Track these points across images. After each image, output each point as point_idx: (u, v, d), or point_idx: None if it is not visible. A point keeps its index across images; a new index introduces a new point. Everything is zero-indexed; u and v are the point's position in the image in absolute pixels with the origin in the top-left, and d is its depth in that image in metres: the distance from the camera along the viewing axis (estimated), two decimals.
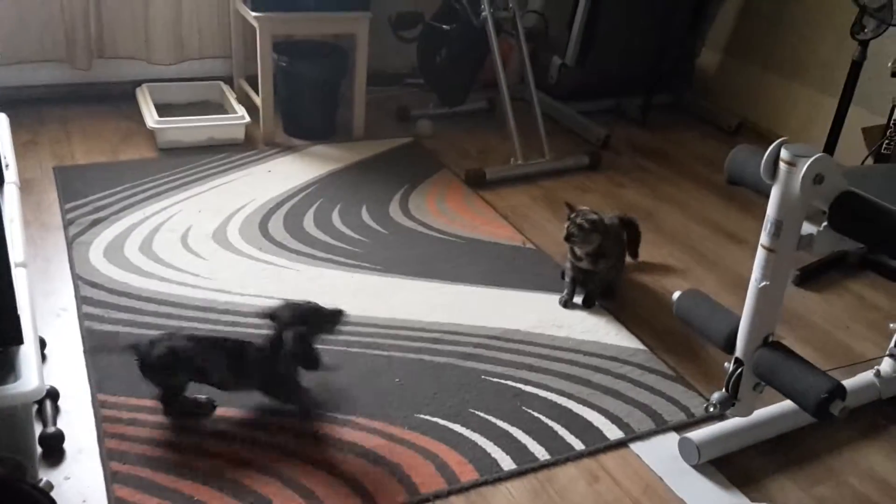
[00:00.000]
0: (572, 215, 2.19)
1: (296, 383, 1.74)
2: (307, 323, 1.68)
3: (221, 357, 1.68)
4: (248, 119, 3.06)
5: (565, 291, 2.26)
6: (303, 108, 3.16)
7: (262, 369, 1.70)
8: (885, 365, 1.98)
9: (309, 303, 1.74)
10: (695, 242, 2.69)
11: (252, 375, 1.70)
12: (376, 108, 3.43)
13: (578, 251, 2.19)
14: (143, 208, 2.54)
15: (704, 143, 3.53)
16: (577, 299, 2.27)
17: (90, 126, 3.08)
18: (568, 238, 2.16)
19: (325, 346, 1.99)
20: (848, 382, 1.87)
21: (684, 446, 1.75)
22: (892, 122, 2.57)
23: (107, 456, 1.61)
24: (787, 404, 1.81)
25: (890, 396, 1.98)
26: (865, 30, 2.54)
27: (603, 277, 2.25)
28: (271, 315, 1.72)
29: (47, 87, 3.21)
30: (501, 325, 2.14)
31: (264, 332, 1.74)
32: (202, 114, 3.09)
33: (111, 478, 1.56)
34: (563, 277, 2.31)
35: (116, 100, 3.26)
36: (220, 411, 1.75)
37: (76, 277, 2.16)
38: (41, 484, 1.48)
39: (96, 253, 2.28)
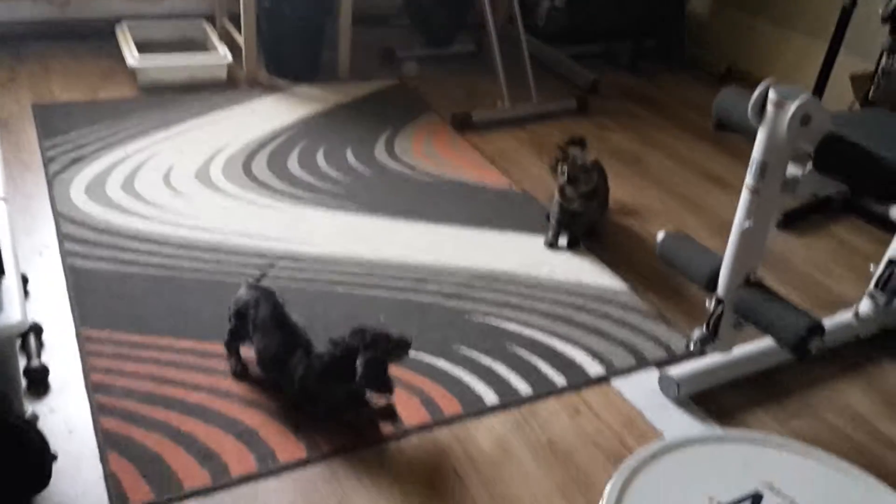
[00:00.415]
0: (569, 157, 2.19)
1: (323, 404, 1.61)
2: (378, 348, 1.54)
3: (276, 338, 1.62)
4: (230, 58, 3.00)
5: (551, 233, 2.27)
6: (286, 47, 3.11)
7: (300, 375, 1.59)
8: (864, 305, 2.00)
9: (378, 329, 1.58)
10: (681, 187, 2.70)
11: (294, 379, 1.59)
12: (362, 48, 3.38)
13: (571, 193, 2.19)
14: (124, 147, 2.50)
15: (693, 88, 3.52)
16: (563, 241, 2.28)
17: (69, 64, 3.02)
18: (572, 181, 2.16)
19: (308, 284, 1.99)
20: (827, 322, 1.89)
21: (664, 382, 1.78)
22: (880, 68, 2.56)
23: (92, 389, 1.61)
24: (766, 342, 1.84)
25: (868, 335, 2.01)
26: None
27: (589, 218, 2.26)
28: (340, 342, 1.56)
29: (26, 23, 3.14)
30: (486, 265, 2.15)
31: (249, 273, 1.73)
32: (183, 52, 3.03)
33: (97, 410, 1.57)
34: (548, 219, 2.32)
35: (96, 37, 3.18)
36: (207, 346, 1.75)
37: (57, 215, 2.14)
38: (27, 416, 1.49)
39: (77, 191, 2.25)
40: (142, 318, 1.81)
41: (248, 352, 1.70)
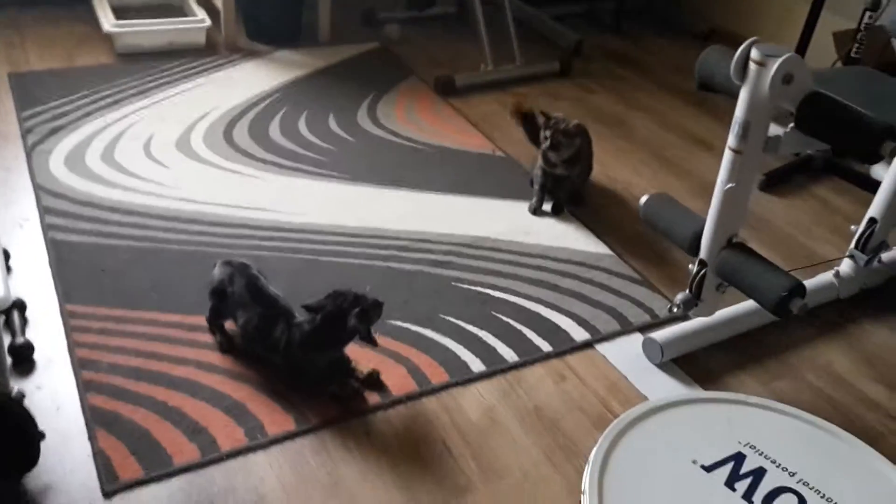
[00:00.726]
0: (552, 123, 2.17)
1: (308, 373, 1.63)
2: (361, 305, 1.57)
3: (260, 318, 1.61)
4: (208, 22, 2.95)
5: (535, 199, 2.27)
6: (266, 11, 3.05)
7: (290, 356, 1.60)
8: (845, 266, 2.03)
9: (353, 289, 1.60)
10: (664, 149, 2.70)
11: (279, 350, 1.60)
12: (342, 10, 3.33)
13: (555, 158, 2.18)
14: (103, 116, 2.47)
15: (676, 49, 3.49)
16: (547, 206, 2.28)
17: (44, 30, 2.95)
18: (554, 146, 2.15)
19: (292, 254, 1.98)
20: (808, 282, 1.91)
21: (648, 346, 1.80)
22: (862, 26, 2.56)
23: (78, 365, 1.61)
24: (748, 304, 1.86)
25: (848, 296, 2.04)
26: None
27: (573, 183, 2.26)
28: (315, 307, 1.58)
29: None
30: (471, 232, 2.15)
31: (231, 244, 1.72)
32: (161, 17, 2.97)
33: (84, 386, 1.57)
34: (531, 185, 2.31)
35: (71, 3, 3.11)
36: (192, 320, 1.75)
37: (37, 187, 2.11)
38: (13, 394, 1.49)
39: (57, 162, 2.22)
40: (126, 292, 1.81)
41: (232, 326, 1.70)
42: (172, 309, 1.77)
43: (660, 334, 1.79)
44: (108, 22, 2.81)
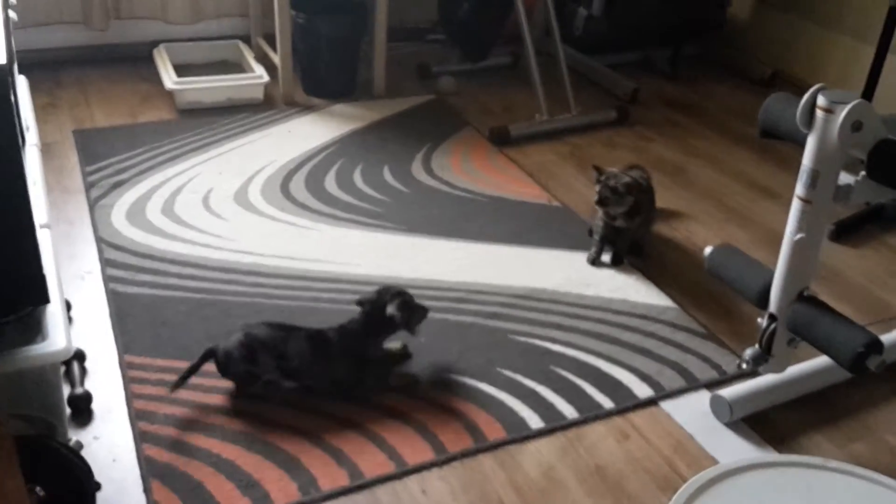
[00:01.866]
0: (602, 178, 2.14)
1: (377, 366, 1.76)
2: (403, 297, 1.73)
3: (302, 341, 1.67)
4: (266, 78, 3.02)
5: (593, 249, 2.22)
6: (322, 66, 3.11)
7: (348, 354, 1.69)
8: None
9: (395, 287, 1.78)
10: (726, 197, 2.63)
11: (335, 360, 1.68)
12: (397, 64, 3.37)
13: (612, 211, 2.15)
14: (163, 170, 2.52)
15: (736, 95, 3.44)
16: (606, 257, 2.23)
17: (109, 88, 3.06)
18: (602, 202, 2.12)
19: (348, 306, 1.97)
20: (885, 337, 1.81)
21: (716, 403, 1.72)
22: None
23: (135, 416, 1.61)
24: (821, 360, 1.77)
25: None
26: None
27: (633, 235, 2.21)
28: (364, 301, 1.74)
29: (64, 49, 3.19)
30: (528, 283, 2.11)
31: (289, 295, 1.72)
32: (220, 74, 3.06)
33: (140, 437, 1.56)
34: (590, 235, 2.27)
35: (134, 61, 3.23)
36: None
37: (99, 240, 2.16)
38: (71, 444, 1.49)
39: (118, 215, 2.27)
40: (183, 343, 1.81)
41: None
42: None
43: (728, 391, 1.71)
44: (170, 79, 2.90)
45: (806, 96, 1.45)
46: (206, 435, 1.58)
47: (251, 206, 2.38)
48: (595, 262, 2.22)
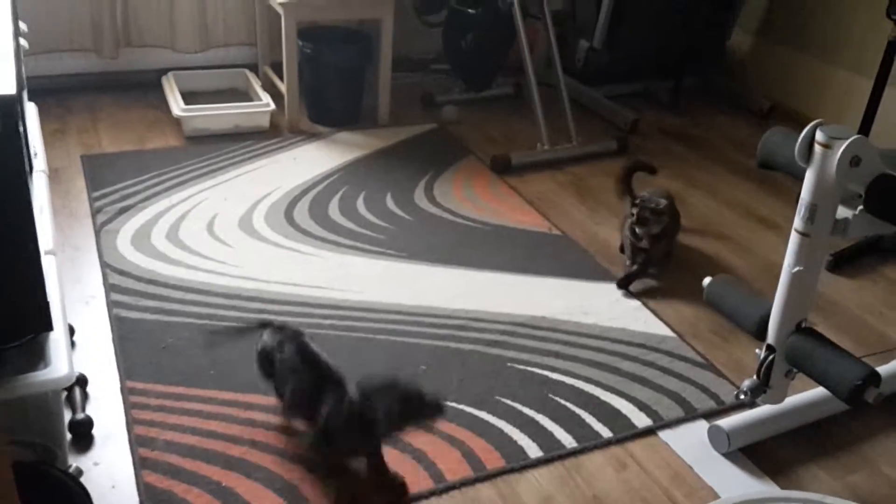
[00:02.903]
0: (638, 200, 2.23)
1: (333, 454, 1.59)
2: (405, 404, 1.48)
3: (307, 376, 1.57)
4: (273, 106, 3.06)
5: (629, 264, 2.29)
6: (328, 94, 3.16)
7: (327, 413, 1.52)
8: None
9: (412, 386, 1.51)
10: (726, 228, 2.65)
11: (318, 413, 1.53)
12: (401, 94, 3.42)
13: (641, 232, 2.22)
14: (169, 196, 2.55)
15: (735, 126, 3.47)
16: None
17: (117, 114, 3.10)
18: (641, 223, 2.21)
19: (349, 332, 1.99)
20: (882, 369, 1.82)
21: (714, 434, 1.73)
22: None
23: (135, 442, 1.62)
24: (819, 391, 1.78)
25: None
26: None
27: (652, 257, 2.27)
28: (368, 392, 1.51)
29: (74, 76, 3.24)
30: (527, 311, 2.13)
31: (292, 322, 1.73)
32: (228, 101, 3.10)
33: (140, 464, 1.57)
34: (622, 251, 2.37)
35: (143, 88, 3.27)
36: (249, 398, 1.75)
37: (104, 265, 2.18)
38: (71, 469, 1.50)
39: (124, 241, 2.29)
40: (185, 369, 1.82)
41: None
42: (229, 387, 1.77)
43: (726, 422, 1.72)
44: (177, 106, 2.94)
45: (804, 132, 1.48)
46: (205, 462, 1.59)
47: (255, 233, 2.40)
48: (627, 283, 2.28)
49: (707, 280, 1.81)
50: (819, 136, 1.46)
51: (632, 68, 3.66)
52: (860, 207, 1.52)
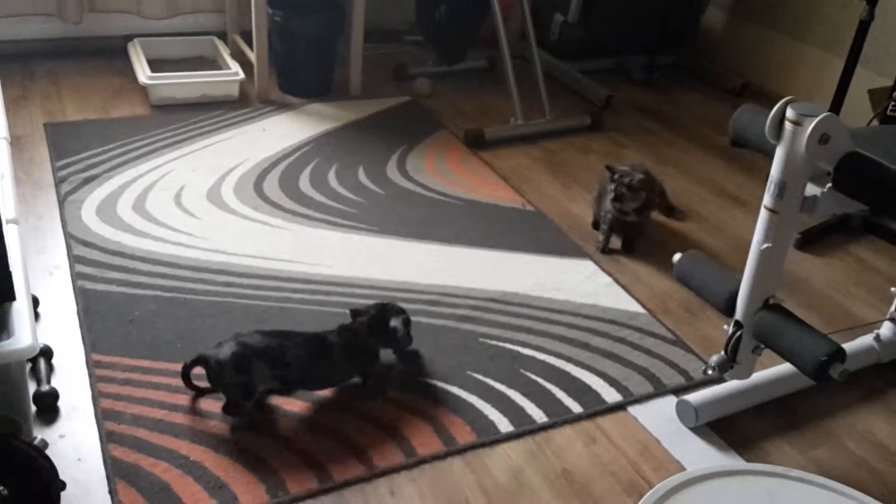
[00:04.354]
0: (616, 176, 2.25)
1: (378, 359, 1.78)
2: (405, 314, 1.81)
3: (301, 347, 1.65)
4: (242, 75, 3.00)
5: (602, 238, 2.33)
6: (298, 64, 3.10)
7: (352, 354, 1.71)
8: (885, 329, 1.96)
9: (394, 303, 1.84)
10: (697, 205, 2.66)
11: (338, 362, 1.69)
12: (374, 65, 3.37)
13: (626, 207, 2.26)
14: (135, 166, 2.50)
15: (708, 104, 3.48)
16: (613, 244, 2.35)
17: (81, 82, 3.02)
18: (619, 199, 2.24)
19: (319, 307, 1.97)
20: (848, 346, 1.85)
21: (682, 409, 1.75)
22: None
23: (101, 415, 1.60)
24: (785, 367, 1.80)
25: (889, 360, 1.97)
26: None
27: (643, 226, 2.34)
28: (363, 311, 1.78)
29: (37, 41, 3.15)
30: (500, 287, 2.12)
31: (260, 295, 1.71)
32: (195, 69, 3.03)
33: (106, 437, 1.55)
34: (595, 227, 2.41)
35: (108, 55, 3.19)
36: None
37: (68, 236, 2.13)
38: (36, 442, 1.47)
39: (89, 211, 2.24)
40: (152, 342, 1.80)
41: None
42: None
43: (694, 397, 1.74)
44: (144, 74, 2.87)
45: (775, 109, 1.48)
46: (174, 436, 1.57)
47: (224, 205, 2.36)
48: (604, 250, 2.33)
49: (677, 256, 1.81)
50: (789, 113, 1.46)
51: (606, 44, 3.64)
52: (829, 185, 1.53)
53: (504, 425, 1.68)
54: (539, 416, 1.71)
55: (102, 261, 2.05)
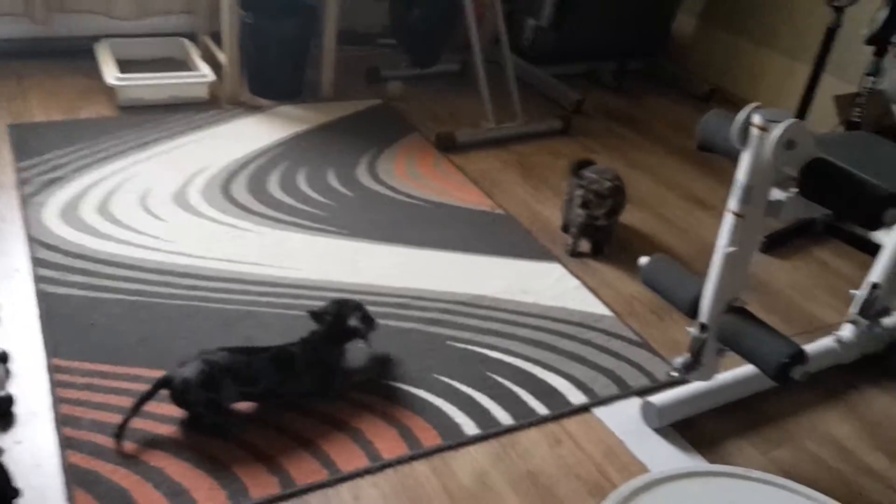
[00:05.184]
0: (584, 182, 2.26)
1: (342, 371, 1.76)
2: (363, 310, 1.79)
3: (266, 362, 1.63)
4: (212, 77, 2.97)
5: (572, 241, 2.35)
6: (269, 66, 3.08)
7: (314, 365, 1.69)
8: (846, 331, 1.99)
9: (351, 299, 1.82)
10: (664, 209, 2.68)
11: (301, 375, 1.67)
12: (346, 68, 3.36)
13: (596, 212, 2.27)
14: (101, 168, 2.47)
15: (677, 109, 3.51)
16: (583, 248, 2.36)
17: (48, 82, 2.98)
18: (585, 205, 2.25)
19: (287, 310, 1.96)
20: (809, 347, 1.88)
21: (646, 410, 1.76)
22: (862, 90, 2.57)
23: (60, 421, 1.57)
24: (748, 369, 1.82)
25: (850, 361, 2.00)
26: None
27: (612, 229, 2.35)
28: (321, 313, 1.74)
29: (4, 41, 3.10)
30: (468, 290, 2.12)
31: (226, 299, 1.69)
32: (164, 71, 3.01)
33: (64, 443, 1.53)
34: (564, 230, 2.42)
35: (75, 56, 3.15)
36: None
37: (30, 238, 2.10)
38: None
39: (51, 213, 2.21)
40: (114, 346, 1.77)
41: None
42: (159, 365, 1.72)
43: (658, 398, 1.75)
44: (111, 75, 2.84)
45: (741, 114, 1.49)
46: (133, 441, 1.55)
47: (190, 207, 2.34)
48: (573, 253, 2.34)
49: (643, 259, 1.83)
50: (756, 118, 1.48)
51: (578, 49, 3.67)
52: (794, 190, 1.55)
53: (470, 428, 1.68)
54: (505, 418, 1.72)
55: (64, 264, 2.02)
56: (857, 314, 1.95)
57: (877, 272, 1.93)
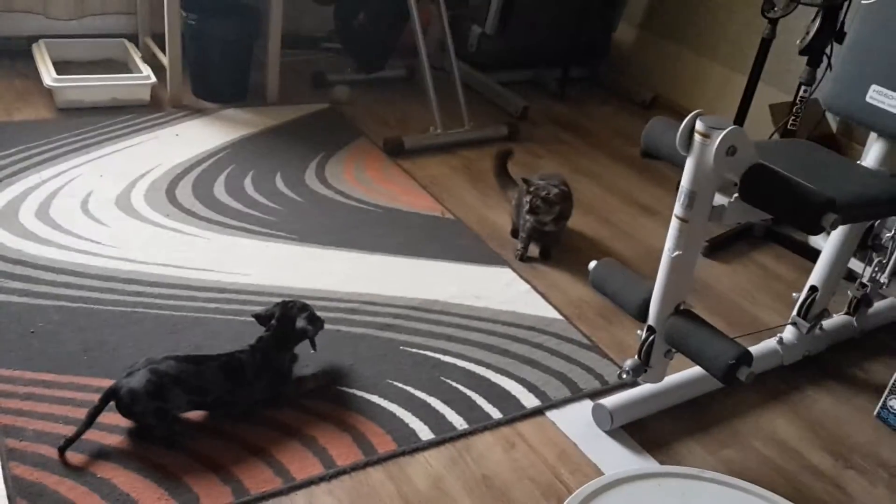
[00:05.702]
0: (532, 188, 2.29)
1: (293, 376, 1.75)
2: (309, 311, 1.76)
3: (216, 371, 1.59)
4: (153, 79, 2.91)
5: (521, 246, 2.38)
6: (213, 69, 3.03)
7: (264, 372, 1.66)
8: (787, 333, 2.06)
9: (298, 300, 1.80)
10: (610, 214, 2.73)
11: (252, 382, 1.64)
12: (291, 72, 3.33)
13: (544, 219, 2.31)
14: (39, 172, 2.39)
15: (619, 116, 3.58)
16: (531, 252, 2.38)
17: None
18: (533, 211, 2.29)
19: (235, 316, 1.92)
20: (753, 349, 1.93)
21: (598, 413, 1.78)
22: (797, 99, 2.66)
23: (2, 432, 1.51)
24: (696, 370, 1.86)
25: (791, 363, 2.06)
26: (775, 7, 2.60)
27: (559, 235, 2.40)
28: (265, 316, 1.74)
29: None
30: (420, 295, 2.12)
31: (172, 305, 1.65)
32: (104, 73, 2.93)
33: (7, 455, 1.47)
34: (513, 235, 2.45)
35: (11, 56, 3.05)
36: None
37: None
38: None
39: None
40: (56, 355, 1.71)
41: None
42: (104, 374, 1.67)
43: (609, 401, 1.78)
44: (49, 76, 2.75)
45: (685, 122, 1.53)
46: (77, 451, 1.50)
47: (134, 212, 2.28)
48: (523, 258, 2.37)
49: (592, 264, 1.85)
50: (699, 125, 1.51)
51: (522, 56, 3.71)
52: (735, 195, 1.60)
53: (425, 433, 1.68)
54: (459, 423, 1.72)
55: (3, 269, 1.95)
56: (798, 316, 2.02)
57: (815, 276, 2.00)
